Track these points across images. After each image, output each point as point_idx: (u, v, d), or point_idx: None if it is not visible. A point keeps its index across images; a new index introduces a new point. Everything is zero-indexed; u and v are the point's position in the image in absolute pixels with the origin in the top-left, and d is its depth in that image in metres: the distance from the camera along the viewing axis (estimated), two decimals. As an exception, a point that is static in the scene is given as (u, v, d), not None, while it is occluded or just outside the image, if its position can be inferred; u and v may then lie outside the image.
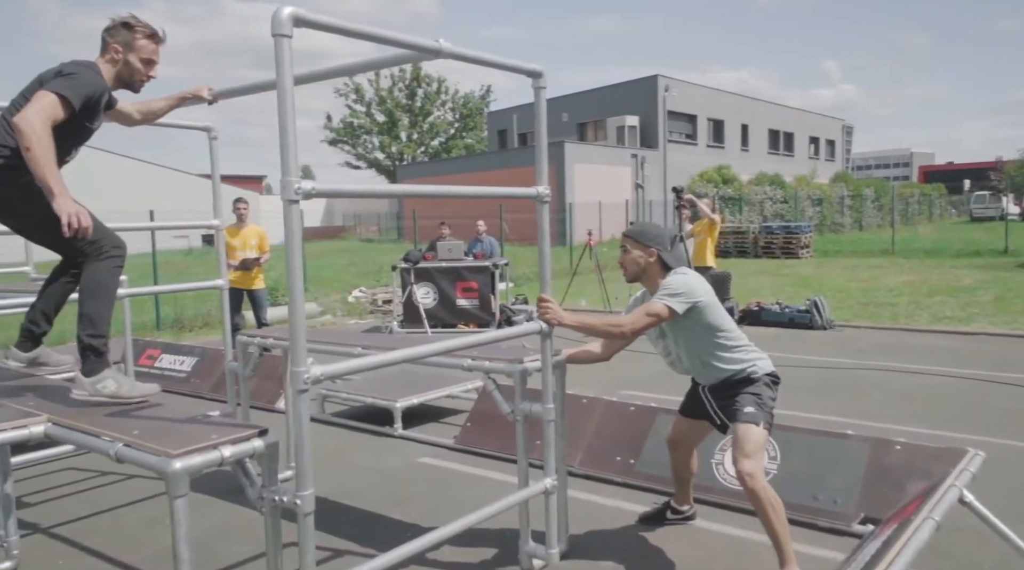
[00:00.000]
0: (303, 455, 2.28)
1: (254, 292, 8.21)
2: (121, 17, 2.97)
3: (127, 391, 2.82)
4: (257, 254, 8.11)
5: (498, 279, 10.52)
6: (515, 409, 3.38)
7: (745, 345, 3.42)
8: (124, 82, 3.04)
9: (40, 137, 2.52)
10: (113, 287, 2.93)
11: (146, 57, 3.00)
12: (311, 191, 2.25)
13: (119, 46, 2.95)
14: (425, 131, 49.56)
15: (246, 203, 8.20)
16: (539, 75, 3.12)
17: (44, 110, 2.58)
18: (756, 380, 3.34)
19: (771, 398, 3.34)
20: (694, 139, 36.08)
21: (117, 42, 2.94)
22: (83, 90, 2.73)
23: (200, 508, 4.24)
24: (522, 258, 19.94)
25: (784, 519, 3.10)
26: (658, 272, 3.46)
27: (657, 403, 5.96)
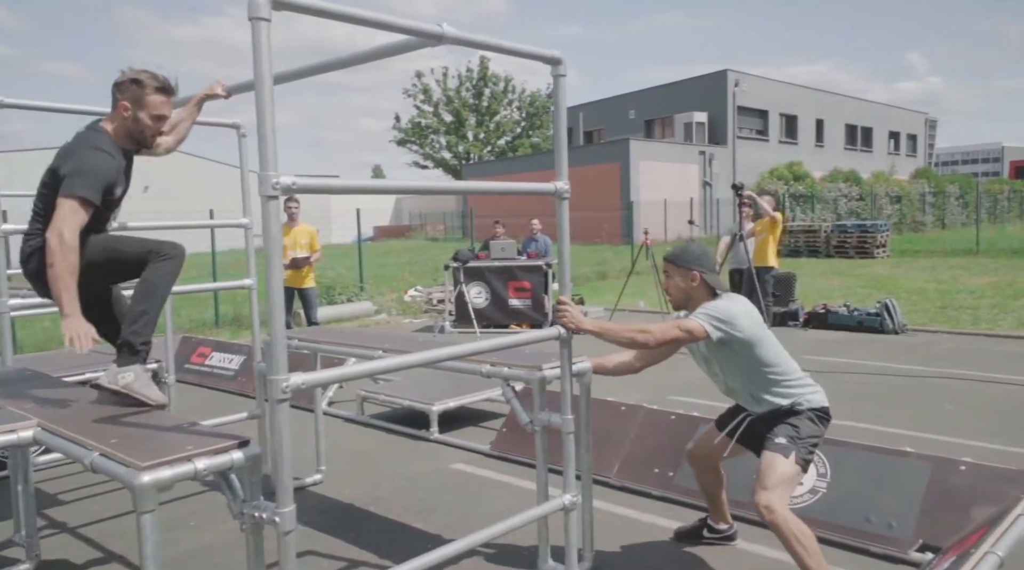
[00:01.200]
0: (283, 470, 2.12)
1: (304, 291, 8.21)
2: (131, 73, 2.92)
3: (139, 387, 2.73)
4: (307, 253, 8.11)
5: (551, 279, 10.30)
6: (534, 419, 3.18)
7: (795, 379, 3.20)
8: (134, 139, 2.99)
9: (65, 255, 2.58)
10: (165, 292, 2.89)
11: (156, 113, 2.95)
12: (290, 186, 2.09)
13: (128, 103, 2.90)
14: (492, 130, 49.59)
15: (297, 202, 8.20)
16: (558, 62, 2.90)
17: (70, 221, 2.64)
18: (800, 413, 3.12)
19: (812, 435, 3.09)
20: (765, 135, 35.03)
21: (126, 99, 2.90)
22: (100, 183, 2.75)
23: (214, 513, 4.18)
24: (581, 257, 19.67)
25: (815, 548, 2.87)
26: (704, 296, 3.21)
27: (706, 411, 5.67)
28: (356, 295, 12.78)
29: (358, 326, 11.47)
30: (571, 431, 3.05)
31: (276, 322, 2.10)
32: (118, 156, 2.89)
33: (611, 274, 17.23)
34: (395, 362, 2.53)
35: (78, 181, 2.69)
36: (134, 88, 2.89)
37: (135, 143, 3.01)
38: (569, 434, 3.05)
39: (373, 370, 2.48)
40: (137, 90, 2.89)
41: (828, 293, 12.99)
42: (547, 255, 10.93)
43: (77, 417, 2.55)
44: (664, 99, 34.83)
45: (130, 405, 2.71)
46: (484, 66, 48.01)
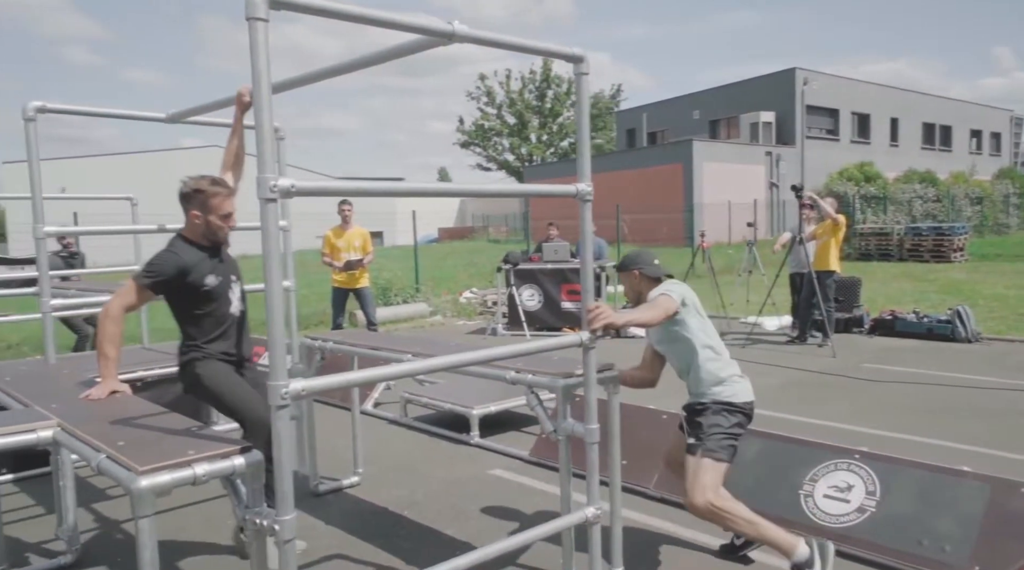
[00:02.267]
0: (283, 478, 2.08)
1: (360, 291, 8.28)
2: (192, 183, 3.24)
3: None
4: (360, 255, 8.17)
5: (605, 282, 10.14)
6: (558, 427, 3.08)
7: (725, 365, 3.46)
8: (210, 239, 3.32)
9: (104, 325, 3.03)
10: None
11: (223, 213, 3.28)
12: (289, 189, 2.05)
13: (197, 211, 3.25)
14: (554, 132, 49.46)
15: (350, 205, 8.27)
16: (580, 60, 2.80)
17: (120, 297, 3.08)
18: (706, 409, 3.37)
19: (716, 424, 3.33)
20: (836, 134, 33.94)
21: (195, 208, 3.24)
22: (154, 275, 3.12)
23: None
24: (642, 260, 19.41)
25: (759, 520, 3.18)
26: (649, 286, 3.52)
27: (757, 421, 5.44)
28: (412, 296, 12.85)
29: (413, 327, 11.54)
30: (595, 441, 2.94)
31: (275, 328, 2.07)
32: (189, 253, 3.21)
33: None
34: (403, 368, 2.48)
35: (140, 271, 3.17)
36: (199, 197, 3.23)
37: (213, 241, 3.34)
38: (593, 444, 2.94)
39: (380, 376, 2.43)
40: (202, 198, 3.23)
41: (898, 299, 12.46)
42: (601, 258, 10.77)
43: (97, 418, 2.57)
44: (730, 99, 34.10)
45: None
46: (547, 67, 47.91)
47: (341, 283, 8.24)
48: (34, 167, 3.68)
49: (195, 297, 3.23)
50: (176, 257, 3.18)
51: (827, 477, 3.81)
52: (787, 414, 5.99)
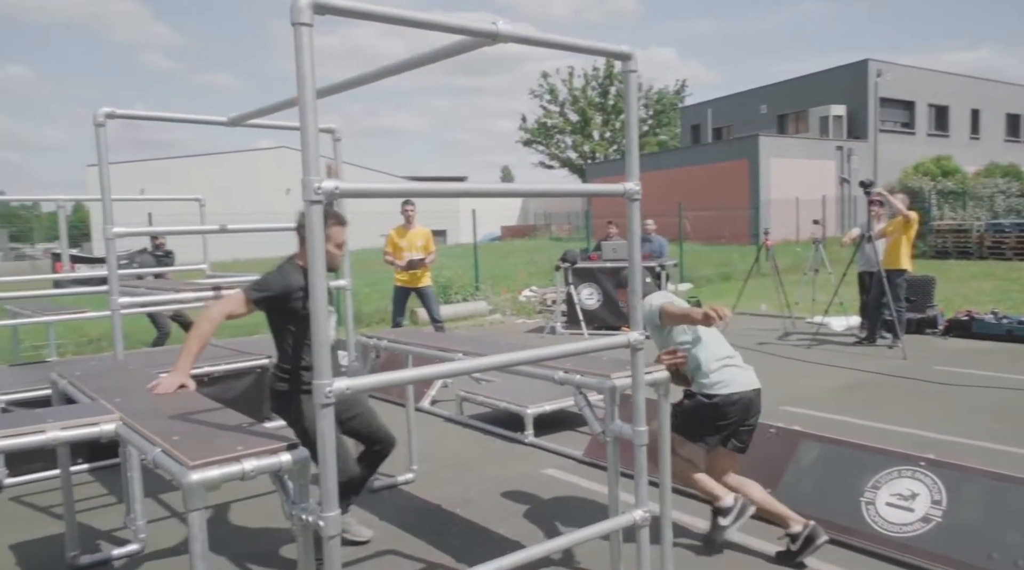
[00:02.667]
0: (328, 475, 2.12)
1: (422, 289, 8.32)
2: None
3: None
4: (422, 255, 8.23)
5: (664, 281, 10.02)
6: (606, 429, 3.05)
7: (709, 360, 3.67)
8: (334, 264, 3.54)
9: (199, 322, 3.15)
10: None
11: (339, 241, 3.44)
12: (334, 191, 2.09)
13: (337, 226, 3.41)
14: (617, 129, 49.00)
15: (413, 205, 8.33)
16: (628, 57, 2.77)
17: (225, 303, 3.24)
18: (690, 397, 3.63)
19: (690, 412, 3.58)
20: (911, 127, 32.69)
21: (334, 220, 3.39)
22: (261, 290, 3.25)
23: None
24: (705, 257, 19.08)
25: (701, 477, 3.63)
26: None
27: (820, 425, 5.31)
28: (472, 294, 12.94)
29: (472, 325, 11.62)
30: (643, 443, 2.90)
31: (320, 327, 2.10)
32: (297, 278, 3.28)
33: (735, 276, 16.58)
34: (447, 368, 2.49)
35: (251, 283, 3.30)
36: (334, 219, 3.38)
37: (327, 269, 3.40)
38: (641, 446, 2.90)
39: (420, 376, 2.44)
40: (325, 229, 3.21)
41: (976, 299, 11.94)
42: (662, 256, 10.64)
43: (156, 413, 2.66)
44: (798, 92, 33.21)
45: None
46: (610, 64, 47.49)
47: (403, 282, 8.33)
48: (104, 171, 3.84)
49: (295, 320, 3.31)
50: (284, 279, 3.30)
51: (890, 484, 3.68)
52: (851, 418, 5.81)
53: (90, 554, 3.68)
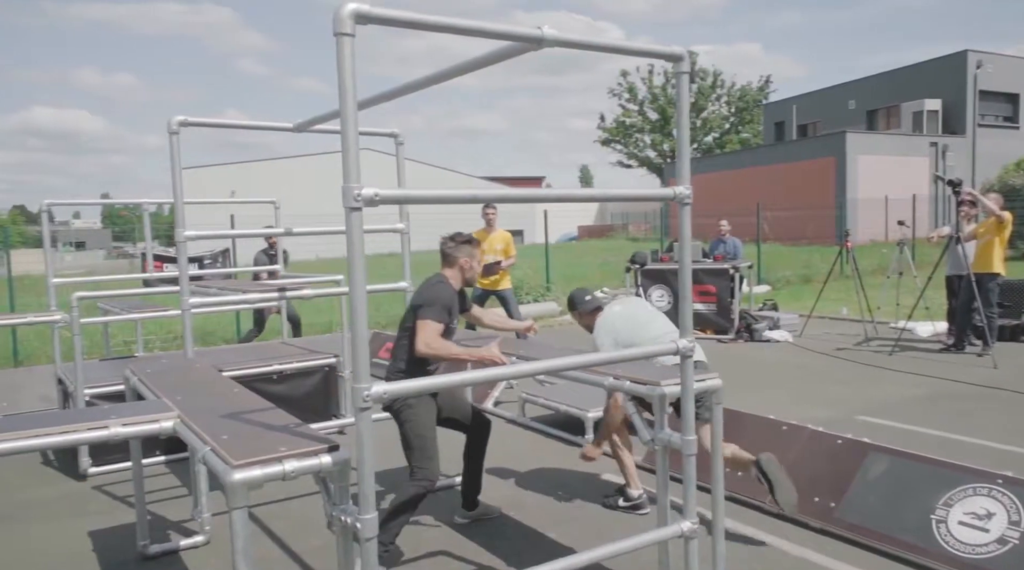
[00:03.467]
0: (366, 478, 2.15)
1: (501, 292, 8.35)
2: (465, 236, 3.93)
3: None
4: (501, 258, 8.24)
5: (739, 283, 9.78)
6: (655, 438, 3.00)
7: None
8: (467, 283, 3.92)
9: (439, 349, 3.52)
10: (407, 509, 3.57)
11: (480, 260, 3.96)
12: (373, 198, 2.12)
13: (467, 259, 3.86)
14: (698, 127, 48.13)
15: (494, 208, 8.35)
16: (679, 58, 2.71)
17: (428, 334, 3.52)
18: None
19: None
20: (1015, 122, 30.89)
21: (464, 256, 3.85)
22: (443, 309, 3.62)
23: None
24: (784, 259, 18.52)
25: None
26: (592, 319, 4.35)
27: (896, 436, 5.08)
28: (543, 295, 12.93)
29: (541, 326, 11.59)
30: (691, 453, 2.84)
31: (359, 332, 2.14)
32: (451, 295, 3.75)
33: (816, 278, 16.04)
34: (490, 373, 2.49)
35: (429, 310, 3.58)
36: (468, 248, 3.87)
37: (467, 284, 3.94)
38: (690, 456, 2.84)
39: (460, 380, 2.45)
40: (471, 249, 3.89)
41: (1079, 304, 11.18)
42: (736, 258, 10.39)
43: (211, 411, 2.76)
44: (890, 86, 31.85)
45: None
46: (691, 61, 46.67)
47: (484, 285, 8.37)
48: (176, 176, 4.00)
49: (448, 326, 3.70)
50: (447, 297, 3.70)
51: (964, 502, 3.49)
52: (932, 429, 5.54)
53: (159, 544, 3.85)
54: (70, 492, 4.85)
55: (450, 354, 3.54)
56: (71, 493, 4.82)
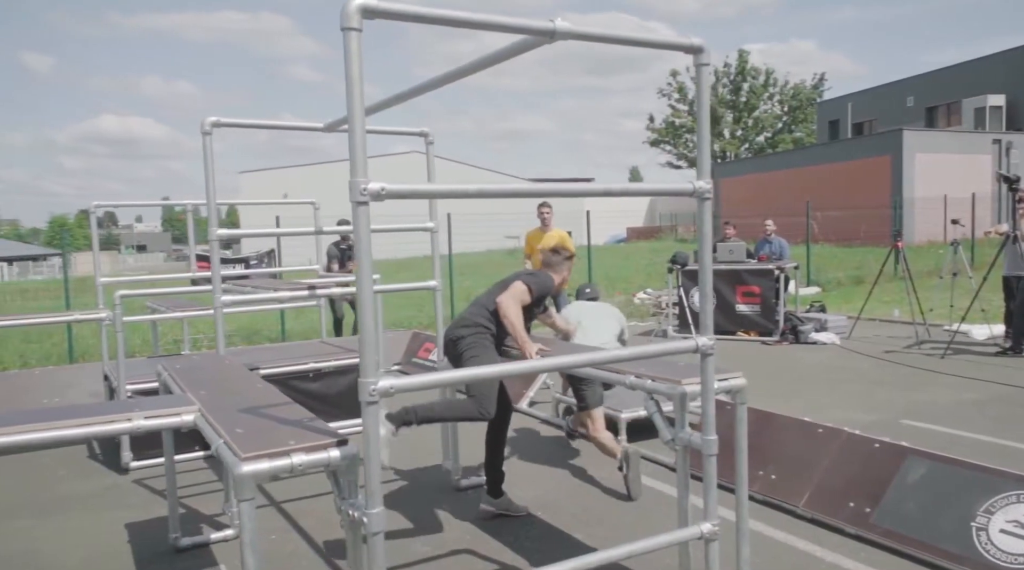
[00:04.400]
0: (372, 473, 2.15)
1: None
2: (568, 252, 4.33)
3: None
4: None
5: (784, 284, 9.57)
6: (675, 437, 2.94)
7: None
8: (555, 292, 4.31)
9: (512, 313, 3.80)
10: (450, 414, 3.93)
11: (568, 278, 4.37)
12: (380, 192, 2.12)
13: (566, 273, 4.29)
14: (750, 127, 47.34)
15: (549, 207, 8.31)
16: (700, 50, 2.65)
17: (516, 295, 3.88)
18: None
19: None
20: (1085, 117, 29.65)
21: (564, 270, 4.26)
22: (541, 288, 4.02)
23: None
24: (836, 260, 18.08)
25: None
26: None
27: (942, 441, 4.90)
28: (585, 297, 12.83)
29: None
30: (712, 453, 2.78)
31: (367, 327, 2.14)
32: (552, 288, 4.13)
33: (868, 279, 15.62)
34: (505, 368, 2.47)
35: (530, 278, 4.03)
36: (568, 264, 4.29)
37: (554, 294, 4.37)
38: (710, 456, 2.78)
39: (469, 376, 2.43)
40: (570, 265, 4.31)
41: None
42: (782, 258, 10.17)
43: (231, 406, 2.80)
44: (951, 82, 30.87)
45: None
46: (743, 59, 45.96)
47: None
48: (209, 177, 4.08)
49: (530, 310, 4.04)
50: (548, 284, 4.10)
51: (1006, 510, 3.33)
52: (980, 434, 5.33)
53: (190, 537, 3.92)
54: (112, 485, 4.98)
55: (513, 323, 3.79)
56: (113, 486, 4.96)
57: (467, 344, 3.95)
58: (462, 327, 4.01)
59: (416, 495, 4.62)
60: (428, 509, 4.35)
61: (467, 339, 3.96)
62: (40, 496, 4.83)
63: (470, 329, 3.98)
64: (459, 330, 4.01)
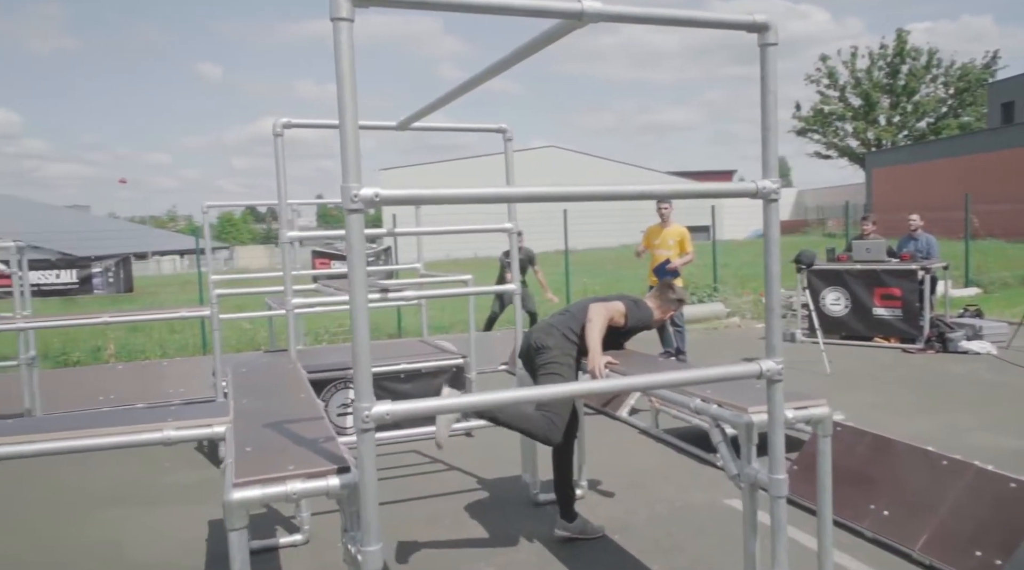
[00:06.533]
0: (368, 507, 1.96)
1: None
2: (681, 293, 4.20)
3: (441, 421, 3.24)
4: (675, 253, 7.78)
5: (930, 286, 8.63)
6: (741, 473, 2.57)
7: None
8: (651, 325, 4.10)
9: (595, 329, 3.66)
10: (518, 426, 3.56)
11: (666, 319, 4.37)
12: (373, 198, 1.92)
13: (672, 312, 4.16)
14: (908, 112, 43.80)
15: (669, 204, 7.94)
16: (765, 29, 2.27)
17: (611, 309, 3.80)
18: None
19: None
20: None
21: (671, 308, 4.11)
22: (636, 319, 3.93)
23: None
24: (1004, 258, 16.27)
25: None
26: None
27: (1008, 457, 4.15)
28: (709, 296, 12.22)
29: (705, 329, 10.96)
30: (780, 496, 2.39)
31: (361, 347, 1.95)
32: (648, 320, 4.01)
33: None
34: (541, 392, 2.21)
35: (633, 306, 3.91)
36: (677, 305, 4.15)
37: (648, 328, 4.12)
38: (778, 499, 2.40)
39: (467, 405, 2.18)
40: (678, 306, 4.20)
41: None
42: (929, 257, 9.18)
43: (261, 418, 2.71)
44: None
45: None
46: (902, 40, 42.56)
47: (654, 283, 7.98)
48: (280, 177, 4.06)
49: (618, 334, 3.95)
50: (644, 317, 3.98)
51: None
52: None
53: (260, 539, 3.92)
54: (209, 479, 5.12)
55: (592, 331, 3.66)
56: (209, 480, 5.10)
57: (549, 357, 3.75)
58: (548, 335, 3.82)
59: (491, 507, 4.43)
60: (501, 524, 4.15)
61: (551, 351, 3.76)
62: (140, 487, 5.04)
63: (556, 340, 3.79)
64: (545, 338, 3.81)
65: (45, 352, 9.68)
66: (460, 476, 5.00)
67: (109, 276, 9.48)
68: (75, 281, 9.29)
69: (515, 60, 2.45)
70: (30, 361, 6.08)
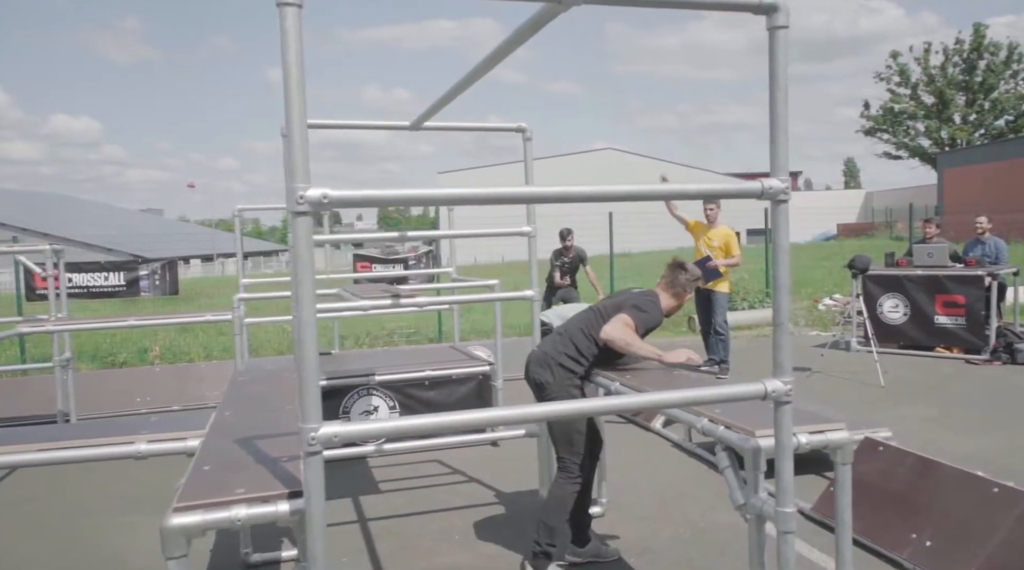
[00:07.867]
0: (314, 537, 1.81)
1: (711, 293, 7.53)
2: (697, 273, 3.78)
3: None
4: (719, 255, 7.47)
5: (997, 293, 8.08)
6: (747, 503, 2.32)
7: None
8: (668, 313, 3.75)
9: (632, 342, 3.40)
10: (568, 504, 3.49)
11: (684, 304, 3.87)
12: (320, 201, 1.75)
13: (686, 291, 3.72)
14: (986, 110, 41.82)
15: (715, 205, 7.64)
16: (774, 9, 2.02)
17: (624, 327, 3.43)
18: None
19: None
20: None
21: (685, 292, 3.72)
22: (647, 323, 3.56)
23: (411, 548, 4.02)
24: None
25: None
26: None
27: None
28: (760, 301, 11.76)
29: (755, 336, 10.53)
30: (788, 531, 2.14)
31: (307, 362, 1.79)
32: (660, 316, 3.65)
33: None
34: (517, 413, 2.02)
35: (636, 312, 3.51)
36: (692, 286, 3.74)
37: (667, 314, 3.76)
38: (785, 534, 2.15)
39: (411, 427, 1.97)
40: (692, 284, 3.75)
41: None
42: (997, 262, 8.61)
43: (236, 432, 2.55)
44: None
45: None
46: (979, 34, 40.68)
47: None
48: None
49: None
50: (656, 316, 3.62)
51: None
52: None
53: (262, 553, 3.81)
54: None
55: (640, 348, 3.42)
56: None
57: (549, 394, 3.48)
58: (544, 369, 3.51)
59: (505, 524, 4.24)
60: (512, 542, 3.96)
61: (550, 387, 3.49)
62: (161, 492, 4.99)
63: (553, 374, 3.50)
64: (542, 373, 3.52)
65: (94, 353, 9.90)
66: (478, 489, 4.83)
67: (156, 279, 9.62)
68: (122, 284, 9.46)
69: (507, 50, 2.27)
70: (64, 363, 6.15)
